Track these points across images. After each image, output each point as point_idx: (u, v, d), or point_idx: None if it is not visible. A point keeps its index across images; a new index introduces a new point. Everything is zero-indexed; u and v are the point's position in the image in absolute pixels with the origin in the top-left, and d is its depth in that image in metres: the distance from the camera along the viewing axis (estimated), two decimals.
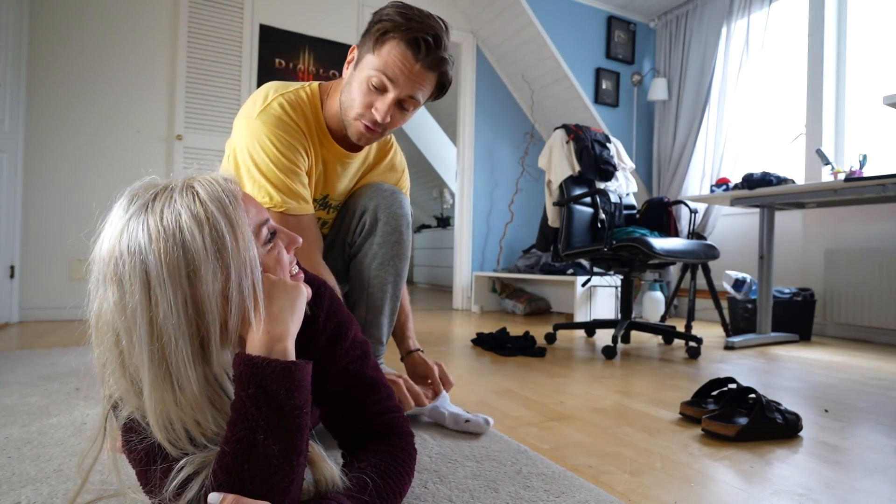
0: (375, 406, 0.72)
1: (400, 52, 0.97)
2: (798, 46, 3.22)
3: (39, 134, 2.67)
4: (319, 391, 0.71)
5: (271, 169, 1.03)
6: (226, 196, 0.55)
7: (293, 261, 0.65)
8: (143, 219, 0.52)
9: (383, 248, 1.14)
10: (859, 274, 2.70)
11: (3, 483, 0.76)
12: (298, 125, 1.07)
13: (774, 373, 1.81)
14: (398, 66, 0.98)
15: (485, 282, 3.92)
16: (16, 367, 1.56)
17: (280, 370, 0.53)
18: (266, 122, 1.04)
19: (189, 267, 0.52)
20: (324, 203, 1.20)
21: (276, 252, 0.61)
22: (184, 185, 0.56)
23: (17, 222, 2.59)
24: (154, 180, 0.58)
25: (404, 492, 0.67)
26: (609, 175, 2.37)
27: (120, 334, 0.53)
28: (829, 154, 2.91)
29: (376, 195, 1.15)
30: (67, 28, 2.73)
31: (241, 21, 3.12)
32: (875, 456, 1.00)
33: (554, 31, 3.63)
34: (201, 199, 0.54)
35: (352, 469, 0.64)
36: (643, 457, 0.96)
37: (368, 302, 1.16)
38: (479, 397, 1.38)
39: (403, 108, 1.04)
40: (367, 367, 0.74)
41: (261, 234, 0.59)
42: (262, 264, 0.59)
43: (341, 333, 0.72)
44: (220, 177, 0.59)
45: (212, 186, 0.56)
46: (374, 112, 1.02)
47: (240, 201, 0.57)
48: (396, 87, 0.99)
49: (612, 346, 2.00)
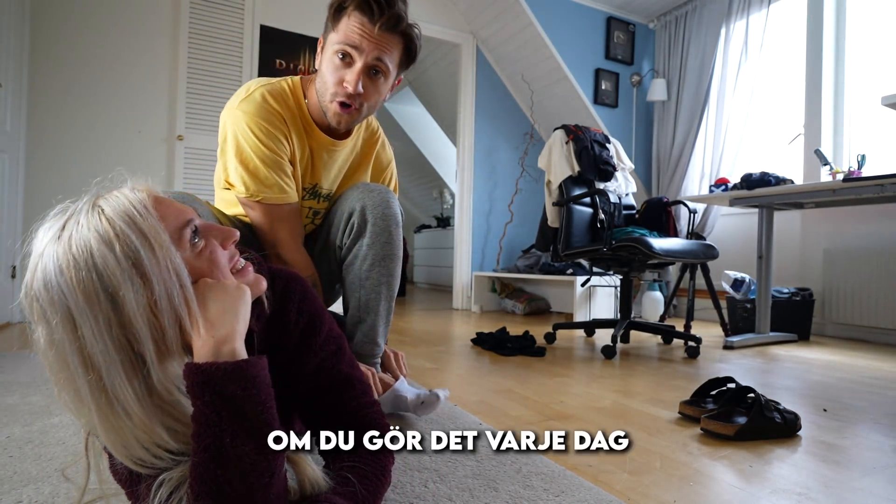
0: (352, 402, 0.71)
1: (356, 20, 0.99)
2: (797, 47, 3.23)
3: (41, 134, 2.68)
4: (295, 387, 0.70)
5: (251, 158, 1.04)
6: (134, 208, 0.53)
7: (234, 255, 0.62)
8: (52, 250, 0.51)
9: (373, 249, 1.13)
10: (858, 274, 2.70)
11: (5, 482, 0.77)
12: (280, 113, 1.08)
13: (773, 372, 1.82)
14: (357, 32, 0.99)
15: (484, 282, 3.93)
16: (17, 367, 1.57)
17: (231, 371, 0.52)
18: (246, 111, 1.05)
19: (107, 290, 0.50)
20: (314, 192, 1.20)
21: (207, 252, 0.58)
22: (90, 205, 0.53)
23: (18, 222, 2.59)
24: (65, 205, 0.55)
25: (381, 490, 0.66)
26: (608, 175, 2.37)
27: (58, 370, 0.51)
28: (828, 154, 2.91)
29: (364, 196, 1.14)
30: (68, 29, 2.73)
31: (241, 21, 3.12)
32: (873, 455, 1.00)
33: (553, 32, 3.64)
34: (108, 217, 0.51)
35: (335, 468, 0.64)
36: (642, 456, 0.97)
37: (363, 304, 1.15)
38: (478, 397, 1.38)
39: (374, 77, 1.04)
40: (343, 362, 0.72)
41: (183, 238, 0.56)
42: (192, 268, 0.56)
43: (314, 328, 0.70)
44: (128, 188, 0.56)
45: (118, 200, 0.53)
46: (345, 85, 1.02)
47: (151, 210, 0.54)
48: (360, 53, 1.01)
49: (611, 346, 2.00)
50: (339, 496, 0.59)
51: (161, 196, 0.59)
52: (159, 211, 0.55)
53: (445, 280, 5.66)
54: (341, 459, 0.66)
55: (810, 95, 3.05)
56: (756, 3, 3.30)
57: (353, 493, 0.61)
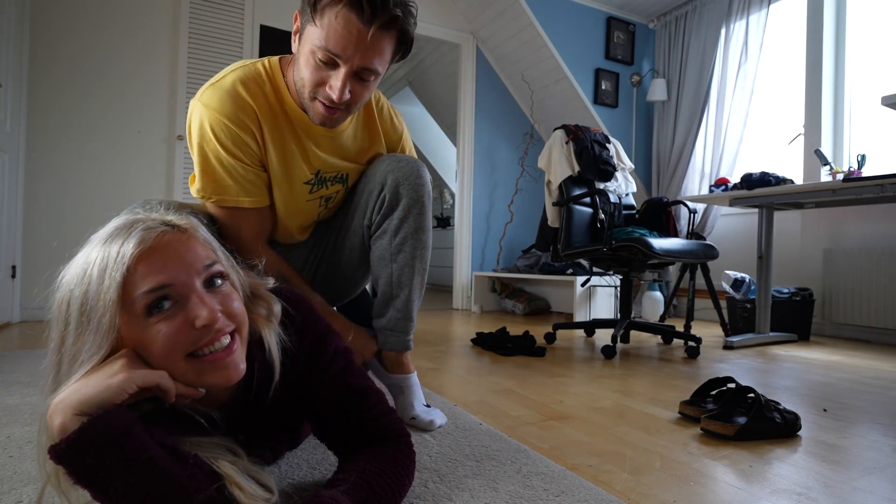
0: (368, 412, 0.71)
1: (343, 19, 0.84)
2: (797, 47, 3.23)
3: (41, 134, 2.68)
4: (309, 408, 0.70)
5: (209, 160, 0.95)
6: (114, 261, 0.54)
7: (221, 329, 0.57)
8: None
9: (406, 223, 1.05)
10: (858, 274, 2.70)
11: (5, 482, 0.77)
12: (251, 106, 0.96)
13: (773, 372, 1.82)
14: (343, 35, 0.84)
15: (485, 282, 3.93)
16: (17, 367, 1.56)
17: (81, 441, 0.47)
18: (210, 105, 0.94)
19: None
20: (319, 180, 1.09)
21: (165, 328, 0.54)
22: (106, 237, 0.58)
23: (18, 222, 2.59)
24: (125, 217, 0.59)
25: (404, 492, 0.67)
26: (608, 175, 2.37)
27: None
28: (828, 154, 2.91)
29: (393, 168, 1.05)
30: (68, 29, 2.73)
31: (241, 21, 3.12)
32: (873, 455, 1.00)
33: (553, 32, 3.64)
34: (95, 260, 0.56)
35: (349, 468, 0.64)
36: (642, 456, 0.97)
37: (395, 279, 1.07)
38: (478, 397, 1.38)
39: (363, 80, 0.92)
40: (352, 375, 0.72)
41: (136, 304, 0.53)
42: (131, 337, 0.54)
43: (320, 348, 0.70)
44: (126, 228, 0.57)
45: (106, 250, 0.56)
46: (328, 90, 0.90)
47: (121, 268, 0.54)
48: (346, 59, 0.87)
49: (611, 346, 2.00)
50: (345, 494, 0.59)
51: (159, 241, 0.56)
52: (141, 268, 0.54)
53: (445, 280, 5.66)
54: (358, 460, 0.66)
55: (810, 95, 3.05)
56: (756, 3, 3.30)
57: (371, 490, 0.61)
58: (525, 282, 4.00)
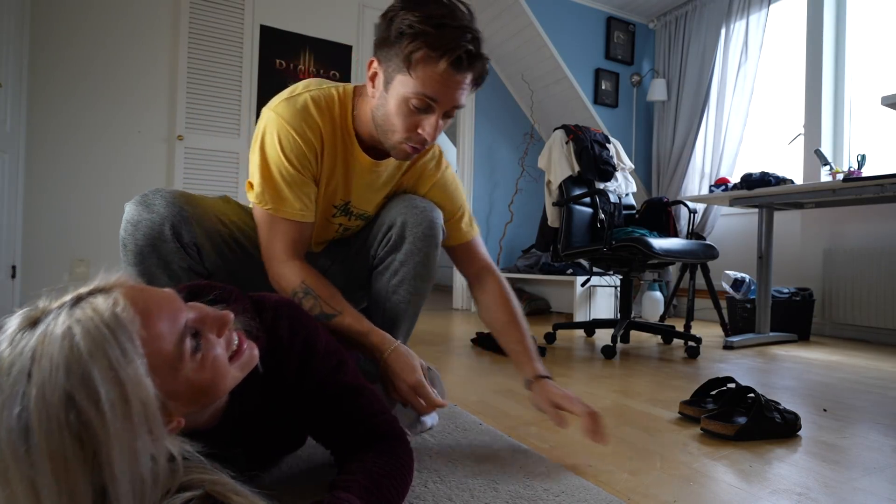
0: (361, 411, 0.71)
1: (441, 71, 0.88)
2: (797, 47, 3.23)
3: (41, 134, 2.68)
4: (302, 409, 0.70)
5: (271, 168, 0.98)
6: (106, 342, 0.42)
7: (230, 338, 0.57)
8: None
9: (405, 266, 1.07)
10: (858, 274, 2.70)
11: None
12: (318, 126, 1.00)
13: (773, 372, 1.82)
14: (441, 84, 0.89)
15: None
16: None
17: None
18: (282, 115, 0.97)
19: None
20: (345, 210, 1.12)
21: (210, 358, 0.52)
22: (33, 357, 0.41)
23: (18, 222, 2.59)
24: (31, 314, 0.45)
25: (406, 492, 0.67)
26: (608, 175, 2.37)
27: None
28: (828, 154, 2.91)
29: (406, 210, 1.07)
30: (69, 29, 2.73)
31: (241, 22, 3.12)
32: (873, 455, 1.00)
33: (553, 32, 3.64)
34: (45, 396, 0.39)
35: (355, 469, 0.64)
36: (642, 456, 0.97)
37: (389, 316, 1.11)
38: (478, 397, 1.38)
39: (449, 116, 0.98)
40: (345, 374, 0.72)
41: (184, 354, 0.49)
42: (193, 386, 0.50)
43: (311, 348, 0.69)
44: (101, 299, 0.45)
45: (87, 329, 0.42)
46: (420, 133, 0.94)
47: (121, 337, 0.43)
48: (441, 103, 0.92)
49: (611, 346, 2.00)
50: (357, 497, 0.59)
51: (145, 298, 0.48)
52: (149, 329, 0.46)
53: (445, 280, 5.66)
54: (359, 460, 0.66)
55: (810, 95, 3.05)
56: (756, 3, 3.30)
57: (381, 496, 0.61)
58: (525, 282, 4.00)
